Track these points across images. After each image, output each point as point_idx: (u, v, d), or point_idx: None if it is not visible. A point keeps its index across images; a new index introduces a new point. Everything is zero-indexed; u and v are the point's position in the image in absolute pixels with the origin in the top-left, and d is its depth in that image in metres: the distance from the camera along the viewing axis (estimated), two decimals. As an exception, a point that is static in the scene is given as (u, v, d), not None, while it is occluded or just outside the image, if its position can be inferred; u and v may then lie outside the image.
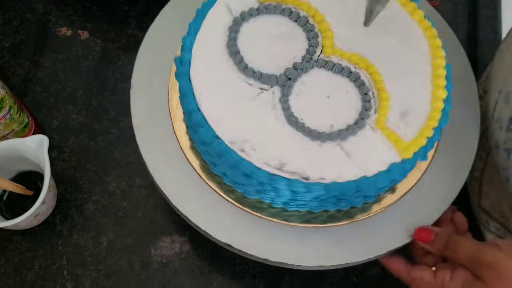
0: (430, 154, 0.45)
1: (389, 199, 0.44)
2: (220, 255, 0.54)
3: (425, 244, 0.42)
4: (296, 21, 0.44)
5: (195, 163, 0.44)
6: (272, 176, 0.38)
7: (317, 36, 0.43)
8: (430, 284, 0.40)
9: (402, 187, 0.44)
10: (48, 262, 0.53)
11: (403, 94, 0.42)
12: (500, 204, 0.50)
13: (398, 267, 0.43)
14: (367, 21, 0.42)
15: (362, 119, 0.40)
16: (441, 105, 0.41)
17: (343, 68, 0.42)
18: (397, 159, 0.39)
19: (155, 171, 0.44)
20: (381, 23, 0.44)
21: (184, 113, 0.44)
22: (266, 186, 0.39)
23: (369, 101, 0.41)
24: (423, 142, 0.40)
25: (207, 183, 0.44)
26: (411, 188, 0.44)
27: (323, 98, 0.41)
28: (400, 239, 0.43)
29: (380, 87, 0.42)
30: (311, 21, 0.44)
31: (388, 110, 0.41)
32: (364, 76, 0.42)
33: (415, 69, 0.43)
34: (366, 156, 0.39)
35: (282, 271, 0.53)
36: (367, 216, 0.43)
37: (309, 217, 0.43)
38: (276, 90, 0.41)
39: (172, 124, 0.45)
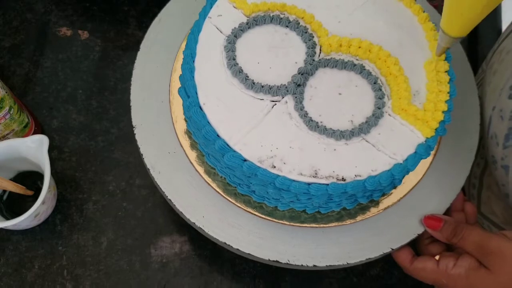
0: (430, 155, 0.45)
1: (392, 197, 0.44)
2: (220, 255, 0.54)
3: (433, 232, 0.42)
4: (287, 26, 0.44)
5: (201, 170, 0.44)
6: (309, 185, 0.38)
7: (312, 37, 0.43)
8: (433, 271, 0.41)
9: (410, 181, 0.45)
10: (48, 262, 0.53)
11: (408, 74, 0.42)
12: (501, 210, 0.49)
13: (403, 256, 0.43)
14: (438, 55, 0.42)
15: (379, 108, 0.40)
16: (446, 77, 0.42)
17: (346, 62, 0.42)
18: (421, 139, 0.40)
19: (155, 171, 0.44)
20: (373, 10, 0.45)
21: (200, 143, 0.43)
22: (302, 196, 0.39)
23: (380, 89, 0.41)
24: (441, 117, 0.40)
25: (207, 183, 0.44)
26: (420, 181, 0.45)
27: (336, 96, 0.41)
28: (414, 231, 0.44)
29: (386, 73, 0.42)
30: (302, 23, 0.44)
31: (400, 94, 0.41)
32: (368, 66, 0.42)
33: (412, 48, 0.43)
34: (393, 143, 0.40)
35: (282, 271, 0.53)
36: (373, 214, 0.44)
37: (320, 217, 0.43)
38: (289, 99, 0.41)
39: (173, 124, 0.46)
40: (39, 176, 0.53)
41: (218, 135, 0.39)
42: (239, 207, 0.43)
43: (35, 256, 0.53)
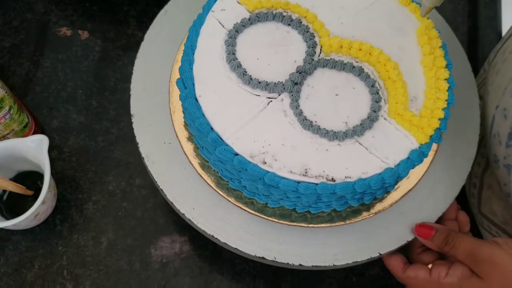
0: (429, 155, 0.45)
1: (390, 198, 0.44)
2: (220, 255, 0.54)
3: (424, 240, 0.42)
4: (289, 24, 0.44)
5: (196, 162, 0.44)
6: (298, 183, 0.38)
7: (314, 37, 0.43)
8: (426, 280, 0.40)
9: (403, 187, 0.44)
10: (48, 262, 0.53)
11: (407, 79, 0.42)
12: (501, 210, 0.49)
13: (395, 264, 0.43)
14: (422, 15, 0.43)
15: (374, 111, 0.40)
16: (445, 85, 0.41)
17: (345, 64, 0.42)
18: (415, 145, 0.39)
19: (149, 160, 0.44)
20: (377, 14, 0.45)
21: (194, 135, 0.43)
22: (291, 194, 0.39)
23: (377, 93, 0.41)
24: (437, 124, 0.40)
25: (200, 176, 0.44)
26: (413, 187, 0.44)
27: (332, 97, 0.41)
28: (403, 237, 0.44)
29: (385, 77, 0.42)
30: (304, 22, 0.44)
31: (397, 98, 0.41)
32: (367, 69, 0.42)
33: (413, 54, 0.43)
34: (386, 147, 0.39)
35: (282, 271, 0.53)
36: (364, 218, 0.44)
37: (311, 217, 0.43)
38: (285, 96, 0.41)
39: (172, 124, 0.46)
40: (39, 176, 0.53)
41: (211, 128, 0.39)
42: (230, 201, 0.43)
43: (35, 256, 0.53)
